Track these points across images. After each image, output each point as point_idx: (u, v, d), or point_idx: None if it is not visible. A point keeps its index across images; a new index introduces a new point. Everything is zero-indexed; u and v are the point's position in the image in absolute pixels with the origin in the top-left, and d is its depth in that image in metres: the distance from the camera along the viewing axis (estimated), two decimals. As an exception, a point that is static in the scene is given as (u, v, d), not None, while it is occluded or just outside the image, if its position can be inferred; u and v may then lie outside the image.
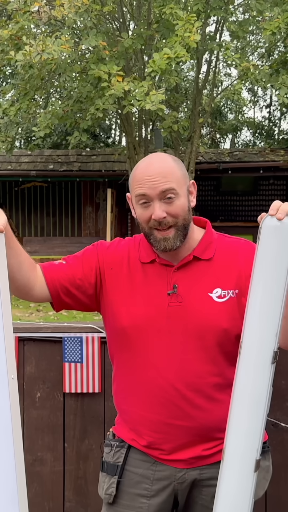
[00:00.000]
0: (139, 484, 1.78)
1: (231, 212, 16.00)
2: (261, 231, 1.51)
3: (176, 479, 1.76)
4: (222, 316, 1.71)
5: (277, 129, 23.30)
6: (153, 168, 1.70)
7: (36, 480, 2.82)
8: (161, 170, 1.69)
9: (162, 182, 1.68)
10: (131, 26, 12.52)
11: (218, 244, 1.80)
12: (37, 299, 1.83)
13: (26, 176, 14.55)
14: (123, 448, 1.82)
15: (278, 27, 9.52)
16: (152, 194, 1.68)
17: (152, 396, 1.74)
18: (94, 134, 19.40)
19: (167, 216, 1.68)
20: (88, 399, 2.81)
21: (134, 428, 1.80)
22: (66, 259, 1.86)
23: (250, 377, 1.49)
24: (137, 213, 1.74)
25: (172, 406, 1.72)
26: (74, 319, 8.98)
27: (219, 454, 1.75)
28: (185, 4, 11.27)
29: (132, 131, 11.79)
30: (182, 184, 1.72)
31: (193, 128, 12.04)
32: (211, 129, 22.43)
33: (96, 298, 1.84)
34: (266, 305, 1.49)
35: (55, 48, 9.08)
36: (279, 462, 2.63)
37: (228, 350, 1.73)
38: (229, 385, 1.73)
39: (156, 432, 1.75)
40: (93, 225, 15.56)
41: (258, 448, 1.47)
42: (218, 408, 1.73)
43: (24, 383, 2.82)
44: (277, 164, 14.16)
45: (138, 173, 1.72)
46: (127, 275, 1.80)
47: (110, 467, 1.82)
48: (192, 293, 1.73)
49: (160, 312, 1.73)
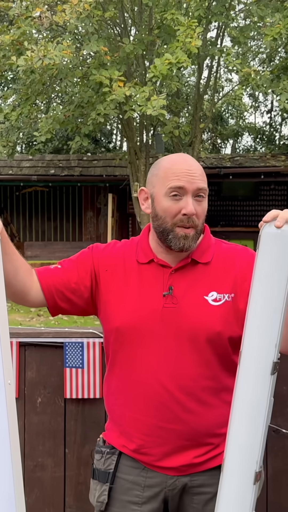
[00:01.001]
0: (131, 491, 1.77)
1: (232, 217, 16.00)
2: (260, 238, 1.50)
3: (167, 486, 1.75)
4: (217, 320, 1.70)
5: (278, 134, 23.31)
6: (190, 163, 1.71)
7: (37, 485, 2.81)
8: (197, 167, 1.71)
9: (200, 180, 1.69)
10: (132, 32, 12.54)
11: (215, 249, 1.80)
12: (33, 304, 1.83)
13: (27, 180, 14.55)
14: (114, 455, 1.81)
15: (279, 33, 9.53)
16: (189, 188, 1.67)
17: (144, 398, 1.73)
18: (95, 139, 19.41)
19: (195, 215, 1.68)
20: (89, 404, 2.80)
21: (124, 431, 1.79)
22: (61, 263, 1.86)
23: (249, 388, 1.47)
24: (165, 205, 1.70)
25: (164, 409, 1.71)
26: (75, 324, 8.97)
27: (210, 461, 1.75)
28: (186, 10, 11.30)
29: (133, 136, 11.80)
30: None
31: (194, 133, 12.05)
32: (212, 134, 22.45)
33: (92, 301, 1.84)
34: (266, 315, 1.47)
35: (57, 53, 9.09)
36: (280, 468, 2.62)
37: (222, 353, 1.72)
38: (222, 389, 1.73)
39: (147, 435, 1.74)
40: (94, 230, 15.56)
41: (257, 460, 1.45)
42: (210, 412, 1.72)
43: (25, 388, 2.82)
44: (278, 170, 14.16)
45: (174, 166, 1.70)
46: (122, 276, 1.79)
47: (101, 475, 1.81)
48: (187, 296, 1.72)
49: (155, 313, 1.72)
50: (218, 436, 1.73)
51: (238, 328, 1.70)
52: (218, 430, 1.73)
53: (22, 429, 2.80)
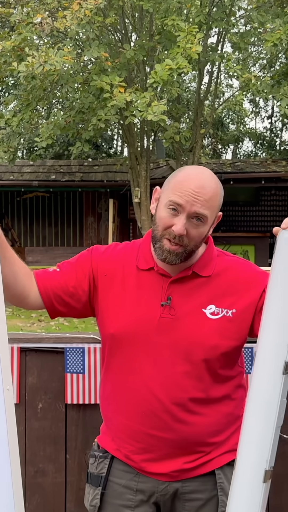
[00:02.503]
0: (123, 495, 1.77)
1: (233, 222, 16.01)
2: (277, 244, 1.52)
3: (158, 491, 1.74)
4: (213, 333, 1.69)
5: (279, 139, 23.36)
6: (204, 186, 1.65)
7: (38, 491, 2.81)
8: (209, 193, 1.65)
9: (201, 204, 1.64)
10: (133, 38, 12.58)
11: (218, 262, 1.79)
12: (32, 307, 1.83)
13: (28, 186, 14.58)
14: (106, 459, 1.80)
15: (280, 39, 9.56)
16: (186, 208, 1.63)
17: (135, 405, 1.72)
18: (96, 144, 19.44)
19: (185, 235, 1.65)
20: (90, 410, 2.80)
21: (116, 436, 1.79)
22: (60, 266, 1.86)
23: (261, 387, 1.49)
24: (161, 215, 1.69)
25: (154, 417, 1.70)
26: (75, 329, 8.97)
27: (201, 467, 1.74)
28: (187, 16, 11.35)
29: (134, 142, 11.82)
30: (214, 214, 1.70)
31: (194, 139, 12.07)
32: (213, 140, 22.48)
33: (90, 304, 1.83)
34: (280, 317, 1.49)
35: (58, 59, 9.12)
36: (281, 473, 2.62)
37: (215, 367, 1.71)
38: (212, 401, 1.72)
39: (137, 441, 1.73)
40: (95, 235, 15.57)
41: (268, 459, 1.47)
42: (201, 422, 1.71)
43: (26, 394, 2.82)
44: (279, 175, 14.17)
45: (184, 181, 1.66)
46: (120, 281, 1.78)
47: (94, 479, 1.82)
48: (185, 307, 1.71)
49: (151, 322, 1.71)
50: (210, 445, 1.73)
51: (236, 342, 1.71)
52: (209, 439, 1.73)
53: (23, 435, 2.80)
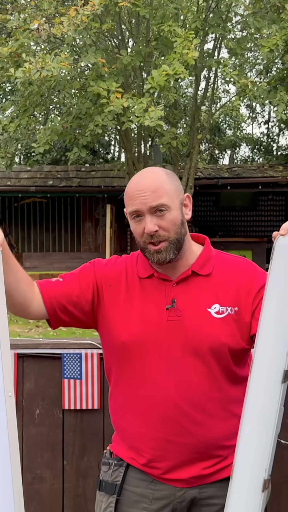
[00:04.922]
0: (138, 504, 1.75)
1: (230, 227, 16.03)
2: (274, 250, 1.52)
3: (175, 498, 1.74)
4: (220, 332, 1.71)
5: (276, 145, 23.41)
6: (144, 184, 1.72)
7: (35, 498, 2.79)
8: (152, 185, 1.71)
9: (152, 198, 1.69)
10: (130, 44, 12.62)
11: (216, 260, 1.81)
12: (34, 316, 1.83)
13: (25, 191, 14.59)
14: (121, 467, 1.79)
15: (276, 44, 9.60)
16: (143, 209, 1.69)
17: (152, 412, 1.72)
18: (93, 150, 19.47)
19: (159, 230, 1.69)
20: (87, 415, 2.79)
21: (133, 446, 1.78)
22: (63, 277, 1.86)
23: (259, 395, 1.48)
24: (133, 227, 1.76)
25: (172, 422, 1.71)
26: (73, 335, 8.95)
27: (219, 473, 1.74)
28: (184, 22, 11.39)
29: (131, 147, 11.84)
30: (174, 197, 1.72)
31: (192, 144, 12.09)
32: (210, 145, 22.53)
33: (93, 315, 1.83)
34: (278, 324, 1.49)
35: (55, 65, 9.13)
36: (279, 479, 2.61)
37: (227, 365, 1.72)
38: (229, 401, 1.73)
39: (156, 449, 1.73)
40: (92, 240, 15.57)
41: (266, 468, 1.46)
42: (218, 424, 1.72)
43: (23, 400, 2.81)
44: (276, 180, 14.21)
45: (130, 190, 1.74)
46: (125, 291, 1.79)
47: (108, 486, 1.80)
48: (190, 308, 1.73)
49: (159, 326, 1.72)
50: (227, 448, 1.72)
51: (242, 341, 1.72)
52: (226, 442, 1.73)
53: (20, 441, 2.79)
